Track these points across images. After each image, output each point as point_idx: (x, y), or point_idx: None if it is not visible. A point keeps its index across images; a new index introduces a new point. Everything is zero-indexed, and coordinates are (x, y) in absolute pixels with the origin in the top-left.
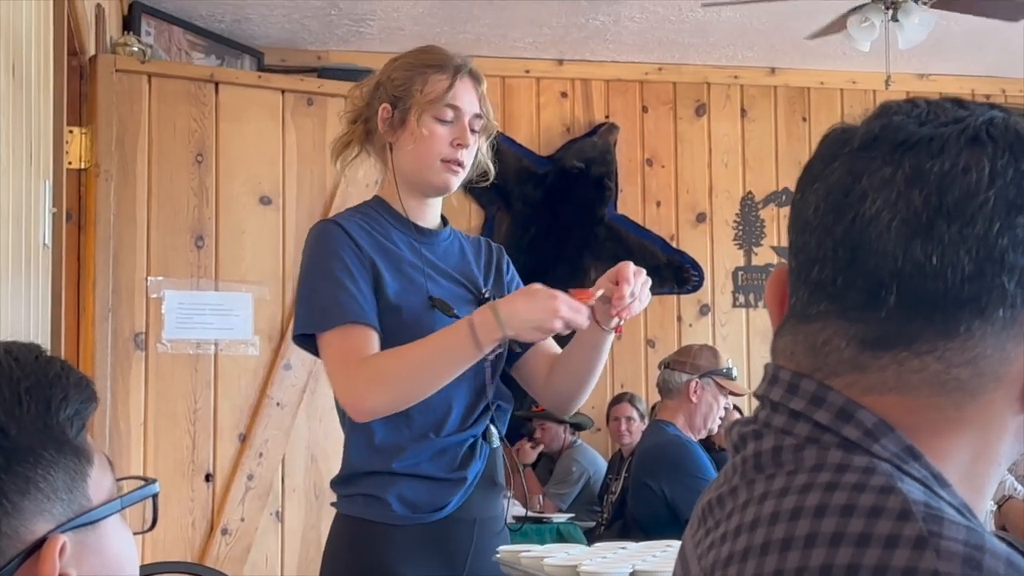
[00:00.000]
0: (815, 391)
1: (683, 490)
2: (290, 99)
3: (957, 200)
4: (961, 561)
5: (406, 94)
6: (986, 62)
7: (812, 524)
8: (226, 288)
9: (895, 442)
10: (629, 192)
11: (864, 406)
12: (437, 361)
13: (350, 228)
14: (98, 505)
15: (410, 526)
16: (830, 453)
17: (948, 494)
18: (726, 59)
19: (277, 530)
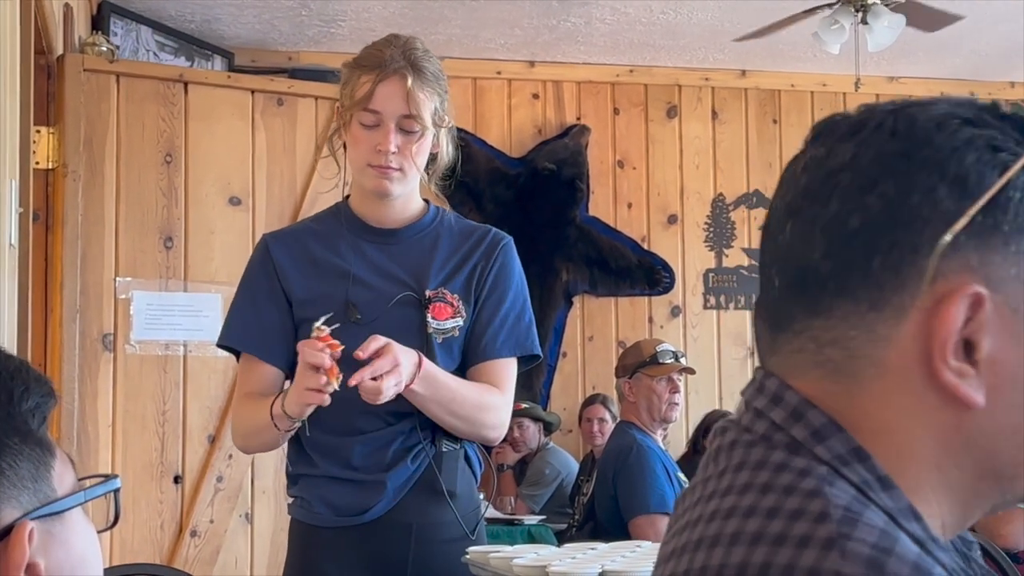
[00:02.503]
0: (776, 390)
1: (626, 490)
2: (260, 99)
3: (818, 182)
4: (864, 562)
5: (343, 96)
6: (956, 65)
7: (739, 523)
8: (195, 289)
9: (842, 443)
10: (600, 194)
11: (816, 406)
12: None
13: (273, 247)
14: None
15: (336, 528)
16: (775, 453)
17: (891, 497)
18: (697, 61)
19: (247, 532)
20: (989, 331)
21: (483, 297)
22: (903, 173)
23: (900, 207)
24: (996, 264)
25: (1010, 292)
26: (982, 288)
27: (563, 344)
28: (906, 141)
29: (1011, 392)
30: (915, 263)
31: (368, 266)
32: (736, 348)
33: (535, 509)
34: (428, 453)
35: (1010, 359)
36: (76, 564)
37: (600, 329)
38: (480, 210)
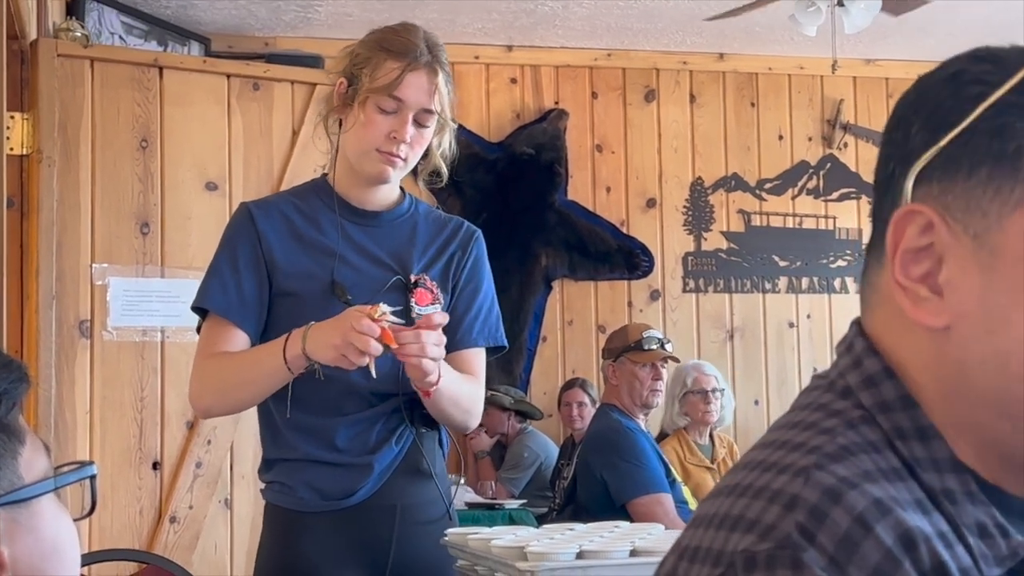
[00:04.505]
0: (852, 337)
1: (615, 475)
2: (236, 84)
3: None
4: (823, 491)
5: (359, 74)
6: (932, 46)
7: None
8: (172, 275)
9: (892, 390)
10: (579, 178)
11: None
12: (253, 372)
13: (258, 216)
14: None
15: (322, 512)
16: (826, 395)
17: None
18: (675, 45)
19: (226, 517)
20: (950, 257)
21: (460, 287)
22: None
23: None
24: (956, 193)
25: (969, 221)
26: (932, 213)
27: (543, 328)
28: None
29: (982, 318)
30: (899, 192)
31: (352, 247)
32: (715, 331)
33: (515, 493)
34: (410, 434)
35: (973, 284)
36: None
37: (580, 313)
38: (459, 195)
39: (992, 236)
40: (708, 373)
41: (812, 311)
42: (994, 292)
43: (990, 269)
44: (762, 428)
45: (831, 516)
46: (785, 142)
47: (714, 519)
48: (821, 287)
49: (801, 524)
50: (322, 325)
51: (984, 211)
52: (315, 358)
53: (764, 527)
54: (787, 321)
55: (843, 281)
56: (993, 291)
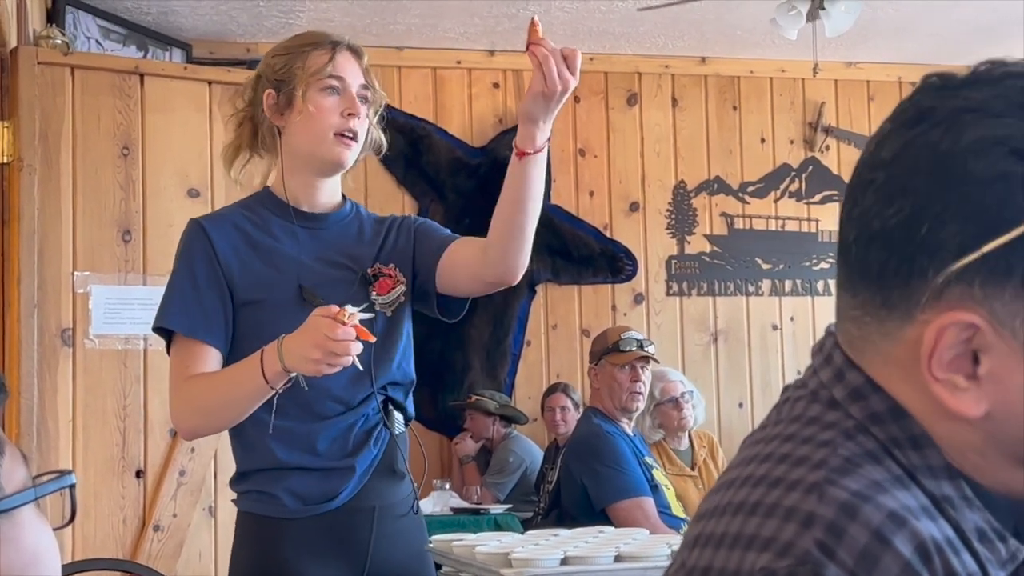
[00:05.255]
0: (830, 349)
1: (595, 480)
2: (217, 90)
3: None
4: (838, 506)
5: (288, 75)
6: (913, 49)
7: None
8: (155, 282)
9: (878, 402)
10: (562, 182)
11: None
12: (233, 391)
13: (211, 229)
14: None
15: (304, 518)
16: (813, 407)
17: (921, 455)
18: (657, 49)
19: (210, 525)
20: (993, 353)
21: (416, 239)
22: (924, 196)
23: (913, 228)
24: (1004, 301)
25: (1019, 328)
26: (979, 320)
27: (527, 333)
28: (942, 161)
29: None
30: (923, 282)
31: (305, 250)
32: (699, 334)
33: (500, 498)
34: (386, 435)
35: (1017, 380)
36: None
37: (563, 317)
38: (442, 200)
39: None
40: (673, 380)
41: (795, 313)
42: None
43: None
44: (746, 431)
45: (849, 532)
46: (767, 145)
47: (724, 538)
48: (804, 289)
49: (820, 540)
50: (294, 338)
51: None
52: (296, 372)
53: (782, 545)
54: (771, 324)
55: (826, 283)
56: None
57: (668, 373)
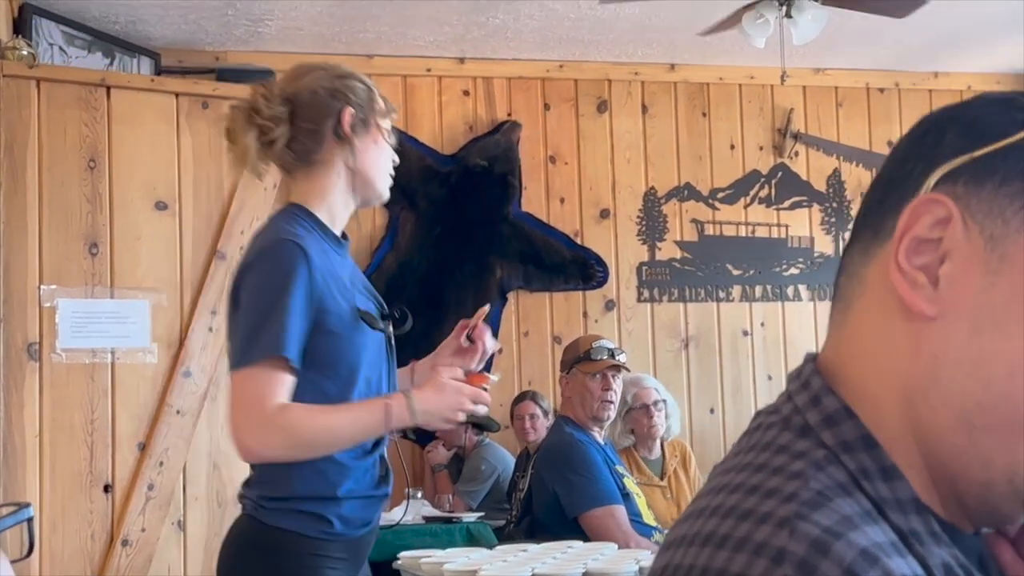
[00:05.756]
0: (808, 375)
1: (567, 488)
2: (184, 102)
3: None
4: (810, 543)
5: (369, 103)
6: (880, 56)
7: (724, 498)
8: (122, 295)
9: (852, 429)
10: (533, 189)
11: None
12: (350, 433)
13: (312, 252)
14: None
15: (341, 539)
16: (784, 434)
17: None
18: (626, 56)
19: (179, 539)
20: (956, 254)
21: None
22: (928, 120)
23: (917, 144)
24: (981, 197)
25: (988, 223)
26: (953, 207)
27: (498, 340)
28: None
29: (971, 315)
30: (916, 188)
31: (346, 274)
32: (670, 340)
33: (472, 506)
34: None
35: (972, 283)
36: None
37: (535, 324)
38: (413, 208)
39: (1008, 243)
40: (647, 386)
41: (766, 319)
42: (991, 296)
43: (995, 273)
44: (717, 436)
45: (821, 569)
46: (737, 151)
47: (692, 571)
48: (774, 295)
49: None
50: (429, 399)
51: (1006, 219)
52: (428, 427)
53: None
54: (741, 329)
55: (796, 289)
56: (990, 294)
57: (644, 379)
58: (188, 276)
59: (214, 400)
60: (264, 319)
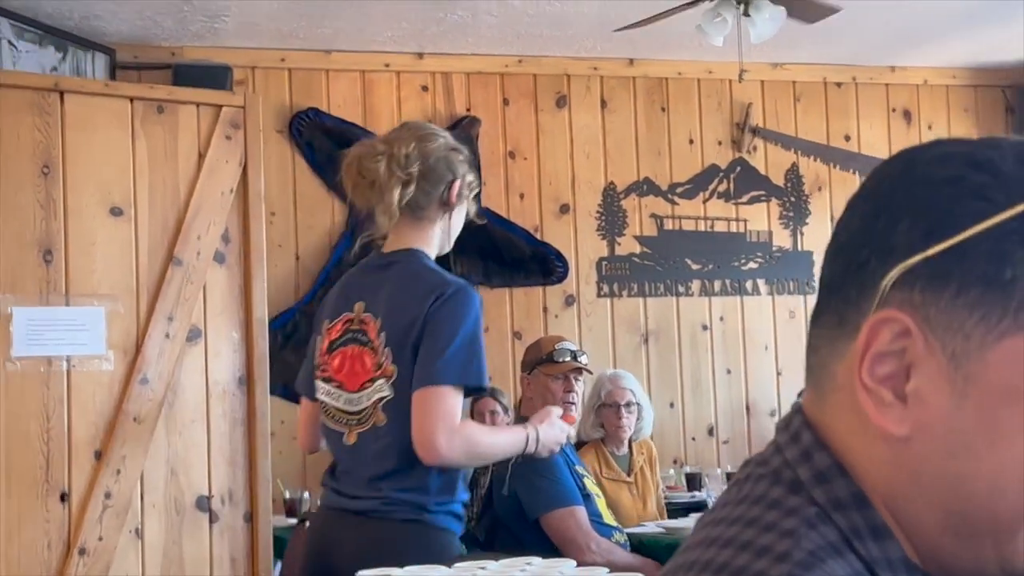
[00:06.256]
0: (798, 427)
1: (528, 490)
2: (139, 107)
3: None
4: None
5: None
6: (838, 51)
7: (715, 553)
8: (77, 303)
9: (844, 487)
10: (492, 185)
11: (826, 448)
12: (503, 451)
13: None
14: None
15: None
16: (774, 489)
17: (881, 547)
18: (585, 51)
19: (137, 548)
20: (921, 368)
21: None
22: (882, 197)
23: (869, 228)
24: (940, 308)
25: (949, 340)
26: (911, 323)
27: None
28: (902, 167)
29: (944, 439)
30: (874, 285)
31: None
32: (630, 336)
33: None
34: None
35: (942, 404)
36: None
37: (495, 321)
38: None
39: (971, 363)
40: (624, 387)
41: (725, 313)
42: (961, 419)
43: (962, 395)
44: (677, 431)
45: None
46: (695, 146)
47: None
48: (733, 289)
49: None
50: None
51: (967, 334)
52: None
53: None
54: (700, 324)
55: (755, 283)
56: (961, 417)
57: (622, 379)
58: (144, 282)
59: (171, 407)
60: (466, 350)
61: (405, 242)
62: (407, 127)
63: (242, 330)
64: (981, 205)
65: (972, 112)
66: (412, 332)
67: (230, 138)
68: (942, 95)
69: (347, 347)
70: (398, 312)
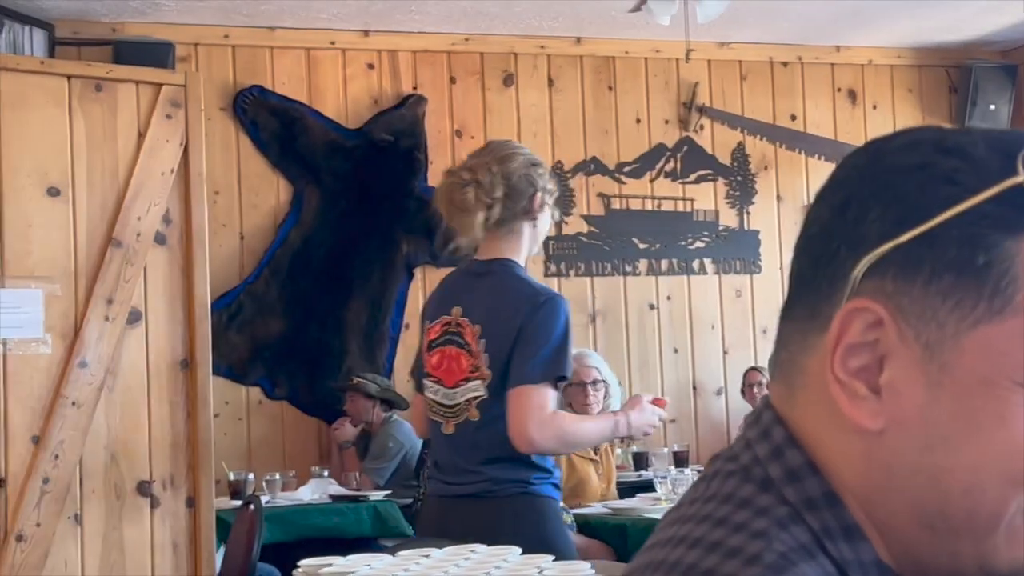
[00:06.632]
0: (768, 423)
1: None
2: (77, 85)
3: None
4: None
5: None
6: (784, 30)
7: (683, 553)
8: (14, 285)
9: (816, 486)
10: (439, 164)
11: (798, 445)
12: (592, 438)
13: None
14: None
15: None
16: (745, 487)
17: (853, 548)
18: (532, 29)
19: (76, 534)
20: (894, 359)
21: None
22: (852, 186)
23: (839, 219)
24: (912, 297)
25: (923, 328)
26: (883, 312)
27: (405, 316)
28: (870, 156)
29: (920, 432)
30: (845, 276)
31: None
32: (578, 315)
33: (380, 483)
34: None
35: (916, 395)
36: None
37: None
38: (318, 183)
39: (945, 351)
40: (590, 365)
41: (672, 292)
42: (937, 410)
43: (937, 385)
44: None
45: None
46: (643, 125)
47: None
48: (680, 268)
49: None
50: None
51: (940, 322)
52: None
53: None
54: (648, 303)
55: (701, 262)
56: (936, 408)
57: (588, 357)
58: (83, 264)
59: (111, 391)
60: (555, 350)
61: (497, 252)
62: (489, 149)
63: (184, 312)
64: (952, 190)
65: (916, 92)
66: (508, 340)
67: (171, 117)
68: (887, 75)
69: (445, 347)
70: (496, 322)
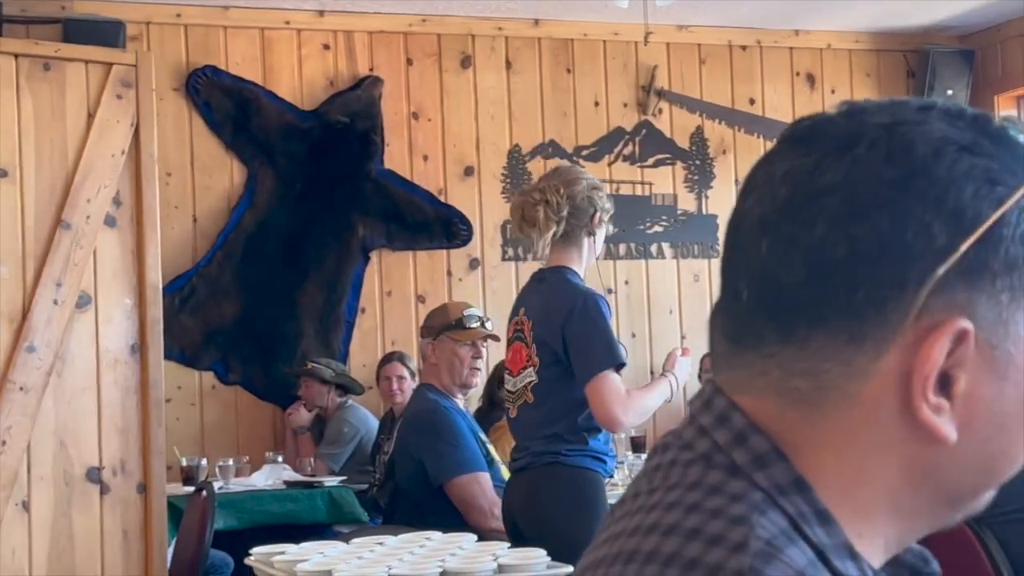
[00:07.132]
0: (723, 409)
1: (432, 456)
2: (25, 64)
3: (802, 200)
4: None
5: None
6: (743, 13)
7: (658, 541)
8: None
9: (784, 472)
10: (396, 146)
11: (762, 431)
12: (655, 404)
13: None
14: None
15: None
16: (711, 474)
17: (827, 532)
18: (490, 11)
19: (24, 521)
20: (968, 367)
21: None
22: (899, 204)
23: (893, 241)
24: (982, 302)
25: (991, 329)
26: (968, 324)
27: (361, 300)
28: (903, 169)
29: (983, 427)
30: (901, 297)
31: None
32: None
33: (335, 469)
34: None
35: (985, 394)
36: None
37: (398, 284)
38: (272, 165)
39: (1009, 343)
40: None
41: (630, 277)
42: (1000, 401)
43: (1003, 379)
44: None
45: None
46: (601, 108)
47: None
48: (638, 253)
49: None
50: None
51: (1005, 319)
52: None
53: None
54: (605, 287)
55: (660, 247)
56: (1000, 402)
57: None
58: (31, 247)
59: (60, 376)
60: (604, 339)
61: (557, 261)
62: (557, 174)
63: (135, 296)
64: (999, 190)
65: (875, 76)
66: (551, 332)
67: (121, 97)
68: (845, 59)
69: (514, 343)
70: (544, 318)
